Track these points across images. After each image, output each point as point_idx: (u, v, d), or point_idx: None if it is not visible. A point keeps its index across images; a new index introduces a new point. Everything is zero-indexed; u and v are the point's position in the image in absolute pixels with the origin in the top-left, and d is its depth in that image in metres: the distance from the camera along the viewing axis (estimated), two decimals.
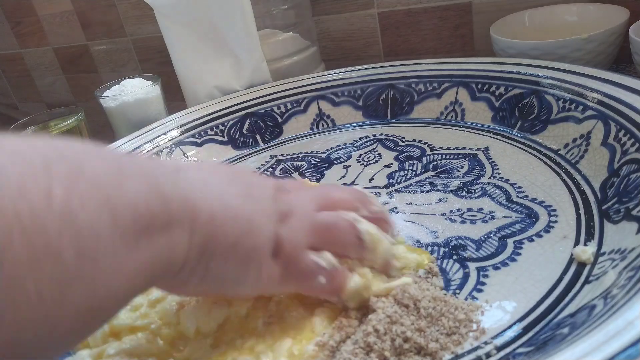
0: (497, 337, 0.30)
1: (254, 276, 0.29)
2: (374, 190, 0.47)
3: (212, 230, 0.26)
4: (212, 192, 0.27)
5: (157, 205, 0.24)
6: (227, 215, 0.27)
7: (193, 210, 0.25)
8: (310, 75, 0.66)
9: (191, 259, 0.26)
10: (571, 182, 0.42)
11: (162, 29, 0.69)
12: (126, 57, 1.04)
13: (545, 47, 0.56)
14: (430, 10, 0.74)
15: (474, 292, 0.33)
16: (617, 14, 0.58)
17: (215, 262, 0.27)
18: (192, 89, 0.70)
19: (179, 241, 0.25)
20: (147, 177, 0.24)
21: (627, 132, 0.40)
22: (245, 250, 0.28)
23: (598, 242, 0.35)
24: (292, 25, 0.74)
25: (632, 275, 0.28)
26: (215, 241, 0.26)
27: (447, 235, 0.39)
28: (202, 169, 0.30)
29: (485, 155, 0.49)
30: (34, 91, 1.22)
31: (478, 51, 0.74)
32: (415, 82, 0.60)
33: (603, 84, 0.45)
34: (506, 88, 0.53)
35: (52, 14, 1.06)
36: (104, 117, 0.72)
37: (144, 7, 0.89)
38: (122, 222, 0.22)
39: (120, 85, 0.72)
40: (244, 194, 0.29)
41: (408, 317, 0.31)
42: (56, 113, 0.70)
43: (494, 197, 0.43)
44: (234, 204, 0.28)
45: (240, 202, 0.28)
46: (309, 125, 0.63)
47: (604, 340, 0.22)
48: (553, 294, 0.32)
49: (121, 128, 0.69)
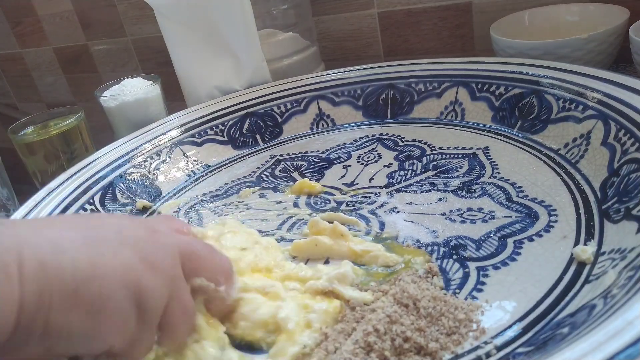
0: (497, 336, 0.30)
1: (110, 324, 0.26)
2: (374, 190, 0.47)
3: (46, 280, 0.24)
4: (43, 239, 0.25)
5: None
6: (62, 260, 0.24)
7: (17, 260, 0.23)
8: (310, 75, 0.66)
9: (26, 315, 0.23)
10: (571, 182, 0.42)
11: (162, 29, 0.69)
12: (126, 57, 1.04)
13: (545, 47, 0.56)
14: (430, 10, 0.74)
15: (474, 292, 0.33)
16: (617, 14, 0.58)
17: (55, 315, 0.24)
18: (192, 89, 0.70)
19: (5, 297, 0.22)
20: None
21: (627, 131, 0.40)
22: (90, 297, 0.25)
23: (598, 241, 0.35)
24: (292, 25, 0.74)
25: (632, 275, 0.28)
26: (50, 291, 0.24)
27: (447, 235, 0.39)
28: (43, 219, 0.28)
29: (485, 155, 0.49)
30: (34, 91, 1.22)
31: (478, 51, 0.74)
32: (415, 82, 0.60)
33: (603, 83, 0.45)
34: (506, 88, 0.53)
35: (52, 14, 1.06)
36: (104, 117, 0.72)
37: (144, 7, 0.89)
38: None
39: (120, 85, 0.72)
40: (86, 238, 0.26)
41: (408, 317, 0.31)
42: (56, 113, 0.70)
43: (494, 197, 0.42)
44: (71, 248, 0.25)
45: (81, 246, 0.25)
46: (309, 125, 0.63)
47: (603, 340, 0.22)
48: (553, 293, 0.32)
49: (121, 128, 0.69)
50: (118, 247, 0.27)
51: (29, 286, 0.23)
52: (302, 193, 0.49)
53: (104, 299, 0.25)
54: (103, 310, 0.25)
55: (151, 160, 0.57)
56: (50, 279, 0.24)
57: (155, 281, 0.27)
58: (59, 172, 0.53)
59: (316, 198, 0.48)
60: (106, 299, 0.25)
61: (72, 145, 0.66)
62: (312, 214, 0.46)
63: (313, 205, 0.47)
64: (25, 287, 0.23)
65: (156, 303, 0.27)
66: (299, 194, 0.49)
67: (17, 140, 0.65)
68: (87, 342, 0.26)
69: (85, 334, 0.25)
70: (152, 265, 0.27)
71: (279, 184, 0.52)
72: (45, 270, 0.24)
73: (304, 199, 0.49)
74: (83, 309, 0.25)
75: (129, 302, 0.26)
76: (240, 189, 0.53)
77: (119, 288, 0.26)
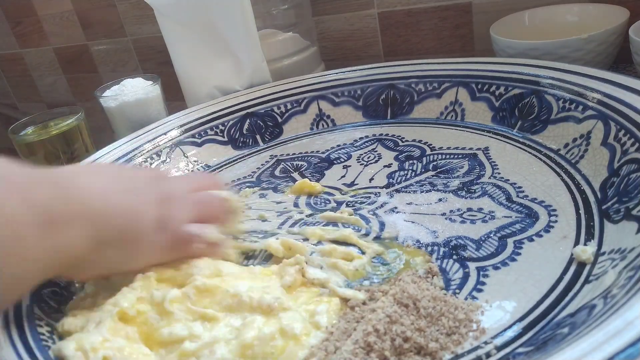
0: (497, 336, 0.30)
1: (145, 253, 0.35)
2: (374, 190, 0.47)
3: (103, 225, 0.32)
4: (101, 193, 0.33)
5: (61, 205, 0.31)
6: (111, 209, 0.33)
7: (88, 210, 0.32)
8: (310, 75, 0.66)
9: (90, 251, 0.32)
10: (571, 182, 0.42)
11: (162, 29, 0.69)
12: (126, 57, 1.04)
13: (545, 47, 0.56)
14: (430, 10, 0.74)
15: (474, 292, 0.33)
16: (617, 14, 0.58)
17: (110, 251, 0.33)
18: (192, 89, 0.70)
19: (78, 235, 0.31)
20: (53, 183, 0.32)
21: (627, 132, 0.40)
22: (133, 236, 0.34)
23: (598, 241, 0.35)
24: (292, 25, 0.74)
25: (632, 275, 0.28)
26: (106, 233, 0.33)
27: (447, 235, 0.39)
28: (92, 172, 0.37)
29: (485, 155, 0.49)
30: (34, 91, 1.22)
31: (478, 51, 0.74)
32: (415, 82, 0.60)
33: (603, 84, 0.45)
34: (506, 88, 0.53)
35: (52, 14, 1.06)
36: (104, 117, 0.72)
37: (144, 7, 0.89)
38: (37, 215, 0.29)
39: (120, 85, 0.72)
40: (126, 189, 0.35)
41: (408, 317, 0.31)
42: (56, 113, 0.70)
43: (494, 197, 0.43)
44: (118, 200, 0.34)
45: (123, 197, 0.35)
46: (309, 125, 0.63)
47: (604, 340, 0.23)
48: (553, 293, 0.32)
49: (121, 128, 0.69)
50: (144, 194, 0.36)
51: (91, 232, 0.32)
52: (302, 193, 0.49)
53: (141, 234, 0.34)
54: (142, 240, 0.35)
55: (151, 160, 0.57)
56: (106, 225, 0.33)
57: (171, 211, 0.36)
58: None
59: (316, 198, 0.48)
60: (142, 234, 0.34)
61: (72, 145, 0.66)
62: (312, 214, 0.46)
63: (313, 206, 0.47)
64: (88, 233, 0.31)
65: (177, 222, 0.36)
66: (299, 194, 0.49)
67: (17, 141, 0.65)
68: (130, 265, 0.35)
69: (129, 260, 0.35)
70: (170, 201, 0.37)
71: (279, 184, 0.52)
72: (103, 219, 0.33)
73: (304, 199, 0.49)
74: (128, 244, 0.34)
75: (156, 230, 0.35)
76: (240, 189, 0.53)
77: (148, 224, 0.35)
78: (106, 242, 0.33)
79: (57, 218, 0.30)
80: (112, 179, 0.36)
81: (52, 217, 0.30)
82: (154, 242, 0.35)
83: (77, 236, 0.31)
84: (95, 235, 0.32)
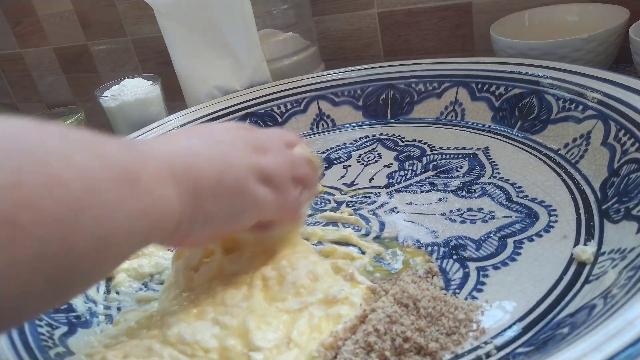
0: (497, 336, 0.30)
1: (249, 206, 0.32)
2: (374, 190, 0.47)
3: (193, 178, 0.28)
4: (180, 148, 0.30)
5: (141, 163, 0.26)
6: (200, 160, 0.30)
7: (169, 166, 0.28)
8: (310, 75, 0.66)
9: (186, 209, 0.28)
10: (571, 182, 0.42)
11: (162, 29, 0.69)
12: (126, 57, 1.04)
13: (545, 47, 0.56)
14: (430, 10, 0.74)
15: (474, 292, 0.33)
16: (617, 14, 0.58)
17: (209, 204, 0.29)
18: (192, 89, 0.70)
19: (167, 194, 0.27)
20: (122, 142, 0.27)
21: (627, 131, 0.40)
22: (231, 184, 0.30)
23: (598, 241, 0.35)
24: (292, 25, 0.74)
25: (632, 275, 0.28)
26: (200, 186, 0.29)
27: (447, 235, 0.39)
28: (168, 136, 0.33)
29: (485, 155, 0.49)
30: (34, 91, 1.22)
31: (478, 51, 0.74)
32: (415, 82, 0.60)
33: (603, 84, 0.45)
34: (506, 88, 0.53)
35: (52, 14, 1.06)
36: (104, 117, 0.72)
37: (144, 7, 0.89)
38: (113, 170, 0.24)
39: (120, 85, 0.72)
40: (209, 141, 0.32)
41: (408, 317, 0.31)
42: (56, 113, 0.70)
43: (494, 197, 0.43)
44: (203, 150, 0.31)
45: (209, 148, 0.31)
46: (309, 125, 0.63)
47: (604, 339, 0.23)
48: (553, 293, 0.32)
49: (121, 128, 0.69)
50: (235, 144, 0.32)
51: (183, 187, 0.28)
52: None
53: (240, 182, 0.31)
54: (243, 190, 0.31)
55: None
56: (197, 177, 0.29)
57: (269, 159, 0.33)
58: None
59: (316, 198, 0.48)
60: (242, 182, 0.31)
61: None
62: (313, 214, 0.46)
63: (313, 205, 0.47)
64: (181, 188, 0.28)
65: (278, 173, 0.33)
66: None
67: None
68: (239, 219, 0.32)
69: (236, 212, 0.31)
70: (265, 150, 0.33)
71: None
72: (192, 171, 0.29)
73: None
74: (228, 193, 0.30)
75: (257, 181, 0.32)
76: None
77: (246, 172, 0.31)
78: (203, 195, 0.29)
79: (139, 175, 0.25)
80: (193, 135, 0.33)
81: (131, 174, 0.25)
82: (258, 195, 0.32)
83: (168, 194, 0.27)
84: (191, 188, 0.28)
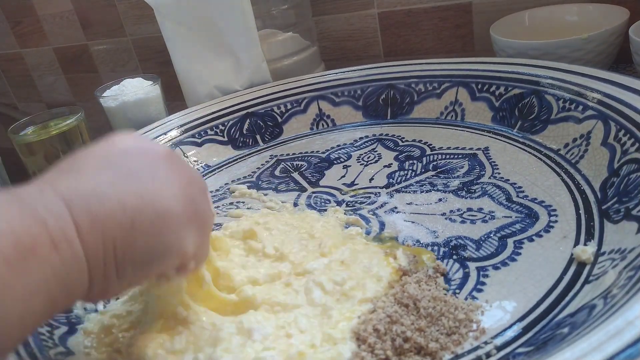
0: (497, 337, 0.30)
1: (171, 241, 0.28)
2: (374, 190, 0.47)
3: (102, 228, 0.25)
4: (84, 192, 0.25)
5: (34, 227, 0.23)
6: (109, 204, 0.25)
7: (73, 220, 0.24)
8: (310, 75, 0.66)
9: (97, 266, 0.25)
10: (571, 182, 0.42)
11: (162, 29, 0.68)
12: (126, 57, 1.03)
13: (545, 47, 0.56)
14: (430, 10, 0.74)
15: (474, 292, 0.33)
16: (617, 14, 0.58)
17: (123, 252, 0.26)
18: (192, 89, 0.70)
19: (71, 255, 0.24)
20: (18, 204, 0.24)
21: (627, 132, 0.40)
22: (147, 223, 0.26)
23: (598, 241, 0.35)
24: (292, 25, 0.74)
25: (632, 275, 0.28)
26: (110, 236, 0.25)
27: (447, 235, 0.39)
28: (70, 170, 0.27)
29: (485, 155, 0.49)
30: (34, 91, 1.22)
31: (478, 51, 0.74)
32: (415, 82, 0.60)
33: (603, 84, 0.45)
34: (506, 88, 0.53)
35: (52, 14, 1.06)
36: (104, 117, 0.72)
37: (144, 7, 0.89)
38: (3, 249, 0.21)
39: (120, 85, 0.72)
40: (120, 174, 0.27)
41: (408, 317, 0.31)
42: (56, 113, 0.70)
43: (494, 197, 0.43)
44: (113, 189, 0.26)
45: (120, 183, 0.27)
46: (309, 125, 0.63)
47: (604, 339, 0.23)
48: (553, 293, 0.32)
49: (121, 128, 0.69)
50: (153, 174, 0.28)
51: (89, 241, 0.24)
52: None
53: (162, 216, 0.27)
54: (165, 224, 0.27)
55: None
56: (105, 225, 0.25)
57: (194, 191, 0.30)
58: None
59: (316, 198, 0.48)
60: (164, 214, 0.27)
61: (72, 145, 0.66)
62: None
63: (313, 206, 0.47)
64: (87, 245, 0.24)
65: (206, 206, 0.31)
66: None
67: (17, 141, 0.65)
68: (161, 260, 0.28)
69: (156, 253, 0.27)
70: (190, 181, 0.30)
71: (279, 184, 0.52)
72: (99, 221, 0.25)
73: (304, 199, 0.49)
74: (146, 234, 0.26)
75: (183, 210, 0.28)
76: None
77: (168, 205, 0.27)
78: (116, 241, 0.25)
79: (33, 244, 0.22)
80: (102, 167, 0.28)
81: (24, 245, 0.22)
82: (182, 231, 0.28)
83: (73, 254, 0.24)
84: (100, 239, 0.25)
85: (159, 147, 0.31)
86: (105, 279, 0.25)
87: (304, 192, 0.50)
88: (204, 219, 0.31)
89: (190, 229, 0.29)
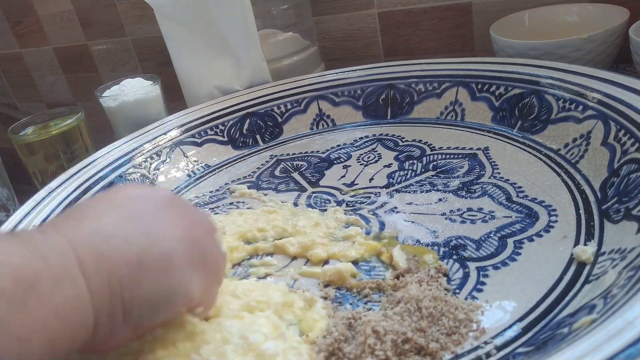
0: (497, 336, 0.30)
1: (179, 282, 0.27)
2: (374, 190, 0.47)
3: (106, 267, 0.24)
4: (89, 232, 0.25)
5: (35, 262, 0.22)
6: (114, 244, 0.25)
7: (77, 259, 0.23)
8: (310, 75, 0.66)
9: (102, 307, 0.24)
10: (571, 182, 0.42)
11: (162, 29, 0.68)
12: (126, 57, 1.03)
13: (545, 47, 0.56)
14: (430, 10, 0.74)
15: (474, 292, 0.33)
16: (617, 14, 0.58)
17: (129, 293, 0.25)
18: (192, 89, 0.70)
19: (76, 294, 0.23)
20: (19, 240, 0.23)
21: (627, 132, 0.40)
22: (154, 262, 0.26)
23: (598, 241, 0.35)
24: (292, 25, 0.74)
25: (632, 275, 0.28)
26: (116, 274, 0.24)
27: (447, 235, 0.39)
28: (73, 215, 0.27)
29: (485, 155, 0.49)
30: (34, 91, 1.22)
31: (478, 51, 0.74)
32: (415, 82, 0.60)
33: (603, 84, 0.45)
34: (506, 88, 0.53)
35: (52, 14, 1.06)
36: (104, 117, 0.72)
37: (144, 7, 0.89)
38: (1, 283, 0.20)
39: (120, 85, 0.72)
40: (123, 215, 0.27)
41: (409, 317, 0.31)
42: (56, 113, 0.70)
43: (494, 197, 0.43)
44: (117, 230, 0.26)
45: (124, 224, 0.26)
46: (309, 125, 0.63)
47: (604, 340, 0.22)
48: (553, 293, 0.32)
49: (121, 128, 0.69)
50: (156, 216, 0.28)
51: (95, 280, 0.24)
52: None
53: (167, 256, 0.26)
54: (171, 265, 0.26)
55: (151, 160, 0.57)
56: (111, 262, 0.24)
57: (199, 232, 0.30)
58: (59, 172, 0.53)
59: (316, 198, 0.48)
60: (169, 254, 0.26)
61: (72, 145, 0.66)
62: None
63: (313, 206, 0.47)
64: (92, 283, 0.23)
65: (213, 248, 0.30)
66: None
67: (17, 141, 0.65)
68: (168, 303, 0.27)
69: (163, 295, 0.26)
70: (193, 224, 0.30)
71: (279, 184, 0.52)
72: (104, 259, 0.24)
73: (304, 199, 0.49)
74: (152, 274, 0.26)
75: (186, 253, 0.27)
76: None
77: (173, 246, 0.27)
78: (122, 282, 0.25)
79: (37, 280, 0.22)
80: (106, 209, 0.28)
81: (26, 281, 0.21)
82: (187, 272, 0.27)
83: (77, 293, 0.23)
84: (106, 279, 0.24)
85: (161, 192, 0.31)
86: (110, 321, 0.24)
87: (304, 192, 0.50)
88: (210, 261, 0.30)
89: (194, 272, 0.28)
